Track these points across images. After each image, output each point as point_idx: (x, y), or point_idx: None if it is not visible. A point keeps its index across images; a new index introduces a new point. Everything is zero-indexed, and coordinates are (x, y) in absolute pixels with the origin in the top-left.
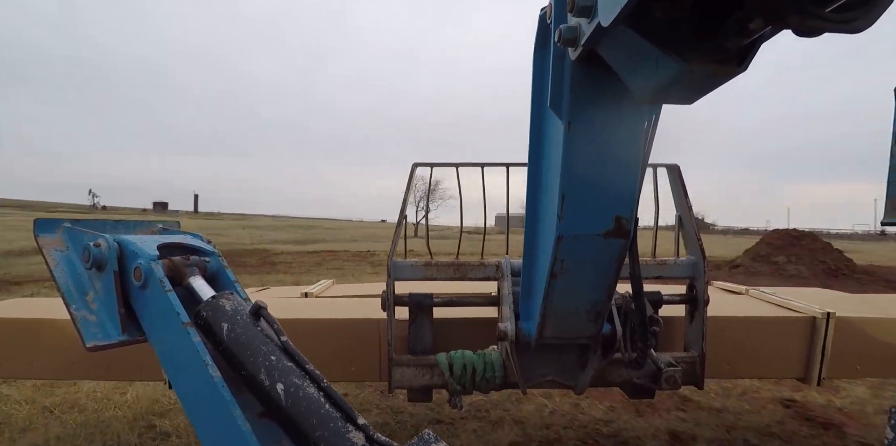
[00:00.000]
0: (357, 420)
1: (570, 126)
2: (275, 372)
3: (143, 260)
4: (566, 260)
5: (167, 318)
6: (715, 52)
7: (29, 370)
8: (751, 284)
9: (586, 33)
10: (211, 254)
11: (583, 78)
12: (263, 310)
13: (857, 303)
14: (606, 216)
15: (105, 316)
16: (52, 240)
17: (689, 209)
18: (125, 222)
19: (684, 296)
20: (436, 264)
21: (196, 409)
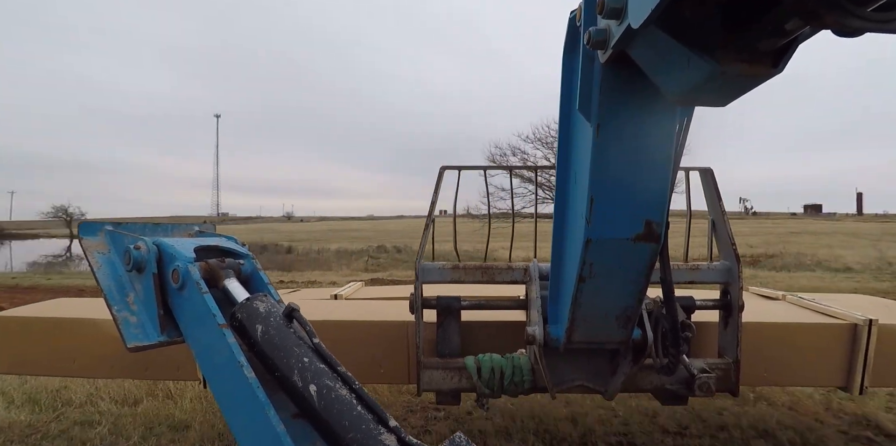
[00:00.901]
0: (389, 422)
1: (599, 129)
2: (308, 373)
3: (181, 262)
4: (595, 264)
5: (203, 320)
6: (747, 51)
7: (71, 368)
8: None
9: (616, 36)
10: (245, 256)
11: (612, 80)
12: (296, 312)
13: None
14: (636, 220)
15: (145, 317)
16: (94, 242)
17: (722, 213)
18: (163, 225)
19: (718, 302)
20: (463, 267)
21: (232, 409)
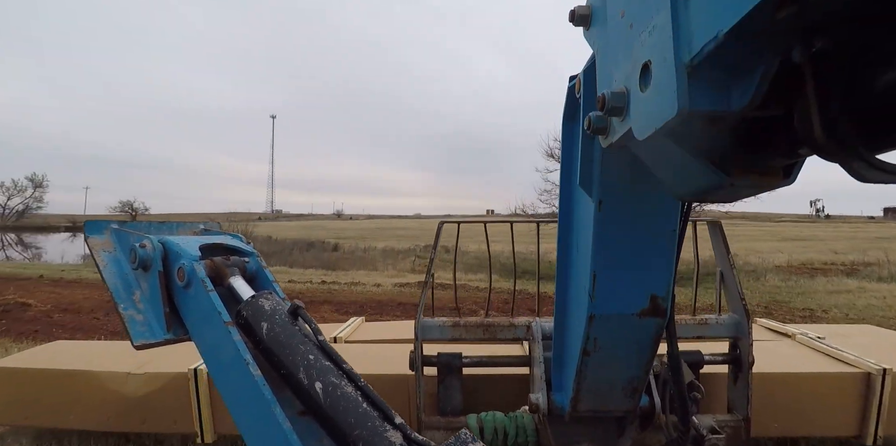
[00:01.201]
0: (394, 419)
1: (600, 205)
2: (313, 370)
3: (186, 260)
4: (599, 338)
5: (209, 318)
6: (758, 164)
7: (67, 420)
8: None
9: (618, 131)
10: (250, 254)
11: (614, 161)
12: (301, 310)
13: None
14: (641, 295)
15: (151, 315)
16: (100, 241)
17: (731, 265)
18: (168, 223)
19: (727, 356)
20: (464, 325)
21: (238, 407)
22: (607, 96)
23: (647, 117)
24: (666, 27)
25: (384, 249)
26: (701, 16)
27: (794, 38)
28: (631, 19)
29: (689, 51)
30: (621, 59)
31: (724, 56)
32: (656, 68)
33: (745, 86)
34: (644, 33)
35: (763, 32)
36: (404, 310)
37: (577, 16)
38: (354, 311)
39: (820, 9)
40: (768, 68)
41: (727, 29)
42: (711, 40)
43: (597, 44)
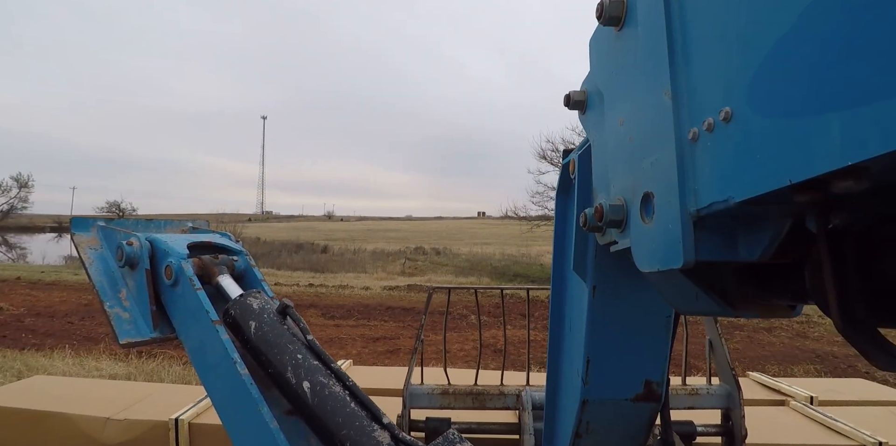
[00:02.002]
0: (382, 419)
1: (594, 291)
2: (301, 370)
3: (174, 258)
4: (592, 422)
5: (197, 316)
6: (763, 301)
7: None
8: None
9: (619, 243)
10: (239, 252)
11: (610, 252)
12: (290, 309)
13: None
14: (635, 380)
15: (137, 313)
16: (86, 238)
17: (719, 334)
18: (156, 221)
19: (719, 428)
20: (453, 393)
21: (225, 406)
22: (605, 209)
23: (651, 255)
24: (671, 169)
25: (374, 251)
26: (709, 175)
27: (809, 210)
28: (630, 133)
29: (696, 202)
30: (620, 168)
31: (733, 214)
32: (659, 206)
33: (755, 241)
34: (646, 161)
35: (777, 204)
36: (392, 314)
37: (572, 101)
38: (341, 315)
39: (842, 196)
40: (780, 228)
41: (738, 199)
42: (720, 202)
43: (593, 132)
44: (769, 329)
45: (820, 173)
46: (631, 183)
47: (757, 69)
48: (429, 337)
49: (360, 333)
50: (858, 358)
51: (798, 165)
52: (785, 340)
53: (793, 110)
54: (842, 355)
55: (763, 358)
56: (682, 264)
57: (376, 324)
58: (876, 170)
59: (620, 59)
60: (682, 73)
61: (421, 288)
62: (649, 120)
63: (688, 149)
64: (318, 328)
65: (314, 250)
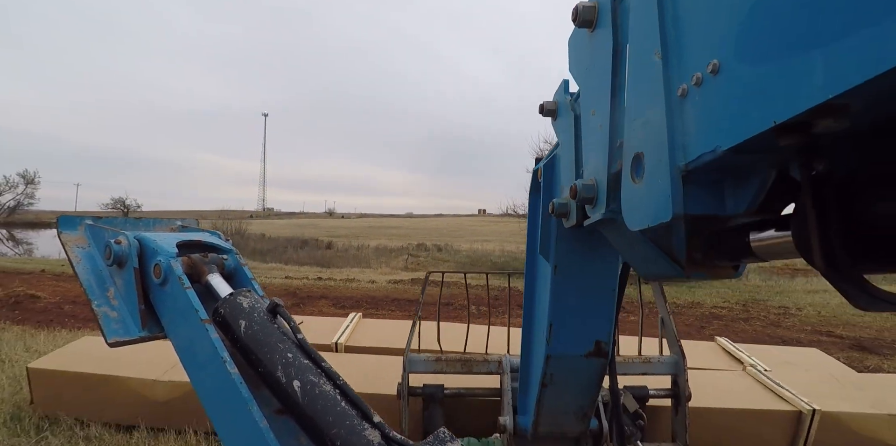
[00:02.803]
0: (373, 418)
1: (555, 269)
2: (291, 369)
3: (163, 257)
4: (554, 374)
5: (186, 315)
6: (709, 263)
7: (102, 415)
8: None
9: (591, 217)
10: (228, 251)
11: (568, 235)
12: (280, 308)
13: (851, 389)
14: (588, 340)
15: (126, 312)
16: (74, 237)
17: (668, 313)
18: (145, 220)
19: (669, 391)
20: (445, 359)
21: (214, 405)
22: (579, 188)
23: (641, 213)
24: (660, 127)
25: (377, 247)
26: (697, 127)
27: (793, 157)
28: (600, 121)
29: (685, 156)
30: (592, 154)
31: (721, 165)
32: (649, 164)
33: (742, 193)
34: (636, 122)
35: (763, 151)
36: (399, 305)
37: (545, 110)
38: (351, 306)
39: (825, 139)
40: (765, 179)
41: (726, 147)
42: (708, 153)
43: (562, 135)
44: (746, 319)
45: (803, 110)
46: (604, 158)
47: (741, 18)
48: (428, 317)
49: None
50: (819, 343)
51: (781, 106)
52: (759, 328)
53: (775, 53)
54: (806, 341)
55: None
56: (671, 217)
57: (384, 313)
58: (854, 107)
59: (593, 56)
60: (671, 33)
61: (420, 281)
62: (640, 82)
63: (677, 105)
64: (330, 316)
65: (319, 246)
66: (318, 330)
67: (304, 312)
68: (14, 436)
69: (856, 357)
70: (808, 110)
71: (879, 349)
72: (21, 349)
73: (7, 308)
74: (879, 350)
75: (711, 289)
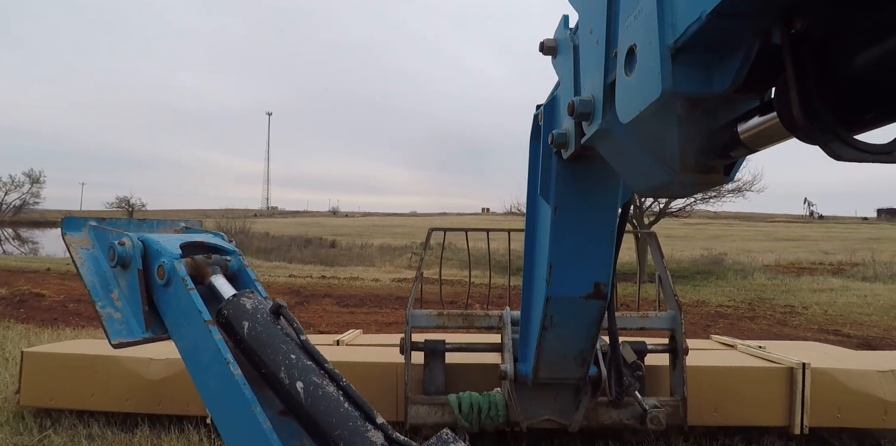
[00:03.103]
0: (376, 419)
1: (556, 210)
2: (294, 370)
3: (167, 258)
4: (554, 316)
5: (189, 316)
6: (700, 165)
7: (88, 401)
8: None
9: (587, 133)
10: (232, 253)
11: (567, 174)
12: (283, 309)
13: (843, 354)
14: (587, 282)
15: (129, 313)
16: (78, 238)
17: (665, 269)
18: (148, 221)
19: (666, 346)
20: (447, 314)
21: (218, 406)
22: (576, 104)
23: (632, 100)
24: (651, 11)
25: (381, 246)
26: (683, 4)
27: (773, 20)
28: (597, 36)
29: (674, 33)
30: (589, 71)
31: (707, 38)
32: (641, 52)
33: (727, 68)
34: (630, 17)
35: (744, 14)
36: (402, 303)
37: (545, 47)
38: (355, 304)
39: None
40: (749, 50)
41: (710, 9)
42: (695, 22)
43: (562, 69)
44: (752, 318)
45: None
46: (599, 76)
47: None
48: None
49: (374, 319)
50: (827, 341)
51: None
52: (764, 327)
53: None
54: (813, 339)
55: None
56: (661, 93)
57: (388, 311)
58: None
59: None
60: None
61: (428, 280)
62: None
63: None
64: (334, 315)
65: (322, 245)
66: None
67: (308, 311)
68: (16, 435)
69: None
70: None
71: (887, 347)
72: (25, 346)
73: (12, 306)
74: (887, 348)
75: (717, 287)
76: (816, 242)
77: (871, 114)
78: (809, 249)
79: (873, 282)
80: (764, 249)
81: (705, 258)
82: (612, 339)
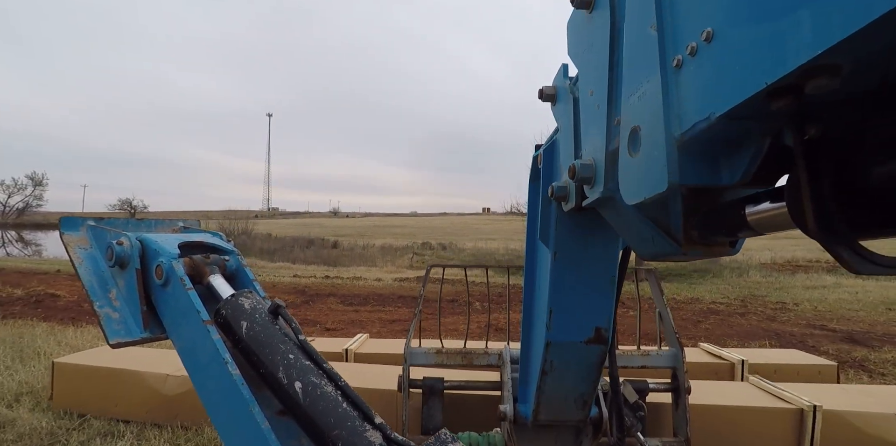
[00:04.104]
0: (374, 419)
1: (555, 255)
2: (293, 370)
3: (165, 258)
4: (555, 361)
5: (188, 316)
6: (706, 240)
7: (113, 410)
8: None
9: (589, 198)
10: (230, 252)
11: (567, 221)
12: (282, 309)
13: (844, 392)
14: (588, 327)
15: (128, 313)
16: (76, 238)
17: (666, 308)
18: (147, 221)
19: (669, 385)
20: (446, 352)
21: (216, 407)
22: (577, 167)
23: (637, 185)
24: (656, 97)
25: (382, 246)
26: (692, 95)
27: (785, 123)
28: (598, 100)
29: (680, 125)
30: (590, 133)
31: (715, 134)
32: (646, 136)
33: (736, 163)
34: (634, 96)
35: (755, 117)
36: (405, 302)
37: (545, 94)
38: (359, 303)
39: (816, 102)
40: (759, 147)
41: (719, 113)
42: (703, 120)
43: (561, 119)
44: (743, 314)
45: (792, 69)
46: (600, 139)
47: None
48: (431, 316)
49: (378, 317)
50: (812, 336)
51: (771, 67)
52: (754, 322)
53: (765, 16)
54: (799, 334)
55: (727, 336)
56: (667, 187)
57: (391, 309)
58: (845, 67)
59: (592, 37)
60: (666, 6)
61: (430, 279)
62: (637, 56)
63: (672, 76)
64: (339, 313)
65: (325, 245)
66: (328, 344)
67: (313, 309)
68: (59, 419)
69: (844, 349)
70: (797, 69)
71: (868, 341)
72: (53, 343)
73: (30, 306)
74: (868, 342)
75: (712, 285)
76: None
77: (890, 227)
78: (807, 247)
79: (866, 279)
80: (762, 247)
81: None
82: (613, 381)
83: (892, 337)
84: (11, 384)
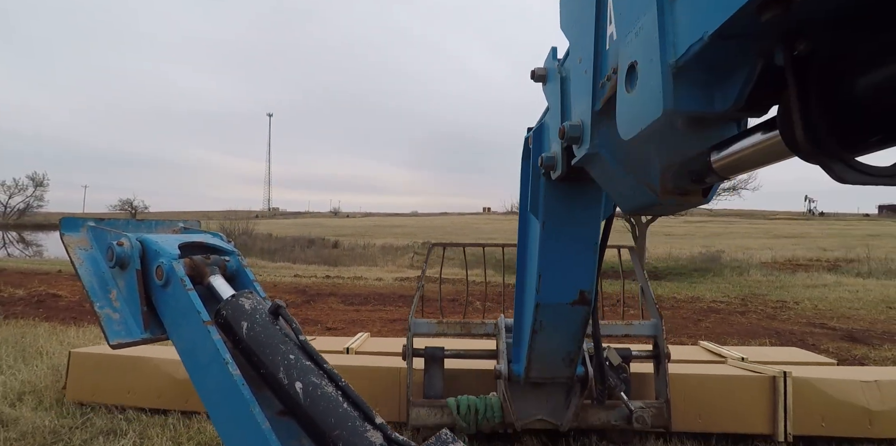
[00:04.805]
0: (375, 419)
1: (544, 225)
2: (293, 370)
3: (165, 259)
4: (543, 321)
5: (188, 317)
6: (680, 188)
7: (126, 398)
8: None
9: (577, 156)
10: (231, 253)
11: (555, 193)
12: (282, 309)
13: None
14: (573, 290)
15: (128, 313)
16: (77, 238)
17: (647, 282)
18: (147, 221)
19: (650, 352)
20: (446, 322)
21: (216, 407)
22: (567, 128)
23: (633, 117)
24: (652, 28)
25: (383, 246)
26: (686, 18)
27: (776, 41)
28: (586, 65)
29: (675, 52)
30: (579, 98)
31: (708, 57)
32: (642, 69)
33: (729, 88)
34: (630, 33)
35: (747, 35)
36: (405, 301)
37: (536, 75)
38: (360, 302)
39: (803, 12)
40: (751, 70)
41: (712, 31)
42: (697, 42)
43: (550, 96)
44: (743, 312)
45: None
46: (587, 103)
47: None
48: (432, 314)
49: (378, 316)
50: (812, 334)
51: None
52: (754, 321)
53: None
54: (799, 332)
55: (728, 334)
56: (662, 112)
57: (392, 308)
58: None
59: (581, 4)
60: None
61: (430, 279)
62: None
63: (668, 6)
64: (340, 312)
65: (325, 245)
66: (329, 343)
67: (314, 309)
68: (62, 418)
69: (845, 347)
70: None
71: (869, 339)
72: (55, 343)
73: (32, 306)
74: (868, 340)
75: (712, 283)
76: (815, 239)
77: (875, 137)
78: (807, 246)
79: (867, 278)
80: (762, 246)
81: (703, 255)
82: (596, 342)
83: (892, 335)
84: (14, 383)
